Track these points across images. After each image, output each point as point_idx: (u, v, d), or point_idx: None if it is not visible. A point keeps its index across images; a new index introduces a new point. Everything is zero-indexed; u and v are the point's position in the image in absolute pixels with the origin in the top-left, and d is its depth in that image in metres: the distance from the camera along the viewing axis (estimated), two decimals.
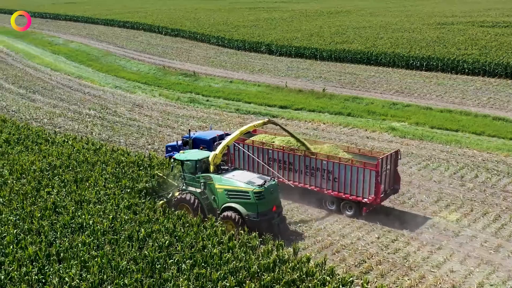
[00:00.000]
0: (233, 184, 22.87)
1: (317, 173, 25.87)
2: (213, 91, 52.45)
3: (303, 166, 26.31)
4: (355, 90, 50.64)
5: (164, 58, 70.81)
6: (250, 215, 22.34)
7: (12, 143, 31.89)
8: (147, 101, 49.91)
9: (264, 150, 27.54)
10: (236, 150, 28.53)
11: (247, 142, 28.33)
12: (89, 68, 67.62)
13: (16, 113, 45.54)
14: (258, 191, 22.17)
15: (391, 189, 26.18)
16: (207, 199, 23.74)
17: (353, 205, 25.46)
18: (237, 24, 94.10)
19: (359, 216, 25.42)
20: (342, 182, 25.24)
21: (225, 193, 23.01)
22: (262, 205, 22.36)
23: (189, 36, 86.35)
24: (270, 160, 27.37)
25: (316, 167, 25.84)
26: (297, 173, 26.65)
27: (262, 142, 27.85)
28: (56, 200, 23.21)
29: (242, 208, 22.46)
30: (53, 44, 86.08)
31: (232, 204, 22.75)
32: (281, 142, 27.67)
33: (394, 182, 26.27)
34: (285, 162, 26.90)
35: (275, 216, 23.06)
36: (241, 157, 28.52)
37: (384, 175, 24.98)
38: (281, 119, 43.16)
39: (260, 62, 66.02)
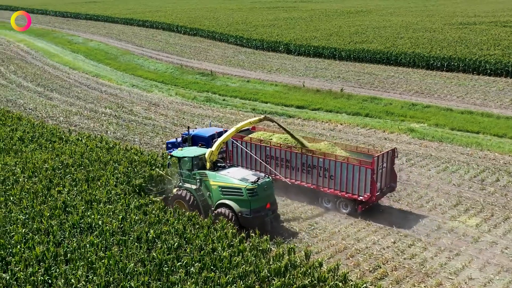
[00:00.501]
0: (227, 180, 22.94)
1: (313, 171, 25.85)
2: (230, 91, 52.03)
3: (299, 163, 26.27)
4: (373, 90, 49.81)
5: (182, 57, 70.60)
6: (243, 211, 22.35)
7: (26, 141, 31.82)
8: (163, 100, 49.66)
9: (262, 148, 27.54)
10: (234, 147, 28.58)
11: (246, 139, 28.31)
12: (107, 66, 67.67)
13: (33, 111, 45.62)
14: (250, 188, 22.20)
15: (387, 187, 26.03)
16: (202, 195, 23.82)
17: (348, 203, 25.33)
18: (256, 23, 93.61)
19: (368, 217, 24.93)
20: (338, 180, 25.15)
21: (219, 190, 23.05)
22: (255, 202, 22.36)
23: (208, 36, 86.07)
24: (267, 157, 27.40)
25: (312, 165, 25.81)
26: (294, 170, 26.62)
27: (260, 139, 27.83)
28: (66, 199, 22.96)
29: (235, 205, 22.50)
30: (72, 43, 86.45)
31: (225, 201, 22.77)
32: (278, 139, 27.61)
33: (390, 181, 26.11)
34: (282, 159, 26.90)
35: (269, 213, 23.03)
36: (239, 154, 28.56)
37: (380, 173, 24.92)
38: (297, 119, 42.58)
39: (278, 61, 65.44)
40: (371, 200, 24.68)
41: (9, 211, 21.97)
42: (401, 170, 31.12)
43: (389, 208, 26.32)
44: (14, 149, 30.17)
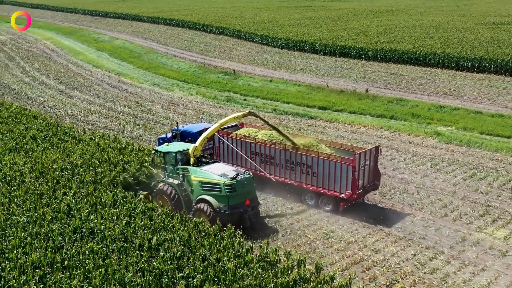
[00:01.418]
0: (207, 176, 22.84)
1: (297, 168, 25.59)
2: (252, 90, 50.88)
3: (283, 160, 26.04)
4: (400, 91, 48.07)
5: (206, 56, 69.74)
6: (221, 207, 22.25)
7: (38, 140, 31.20)
8: (183, 99, 48.78)
9: (247, 144, 27.36)
10: (221, 143, 28.46)
11: (232, 136, 28.15)
12: (130, 65, 67.22)
13: (51, 109, 45.23)
14: (229, 183, 22.11)
15: (371, 185, 25.70)
16: (185, 191, 23.81)
17: (331, 200, 25.05)
18: (282, 22, 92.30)
19: (388, 227, 23.43)
20: (320, 177, 24.89)
21: (199, 185, 22.99)
22: (234, 198, 22.26)
23: (233, 34, 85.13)
24: (252, 153, 27.22)
25: (296, 162, 25.56)
26: (278, 167, 26.41)
27: (245, 136, 27.61)
28: (71, 202, 22.10)
29: (214, 201, 22.41)
30: (98, 41, 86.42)
31: (205, 196, 22.70)
32: (264, 136, 27.31)
33: (374, 179, 25.76)
34: (266, 156, 26.72)
35: (248, 209, 22.84)
36: (226, 151, 28.47)
37: (363, 171, 24.61)
38: (319, 120, 41.19)
39: (303, 61, 64.05)
40: (353, 198, 24.36)
41: (11, 213, 21.22)
42: (425, 176, 29.58)
43: (410, 217, 24.81)
44: (25, 148, 29.56)
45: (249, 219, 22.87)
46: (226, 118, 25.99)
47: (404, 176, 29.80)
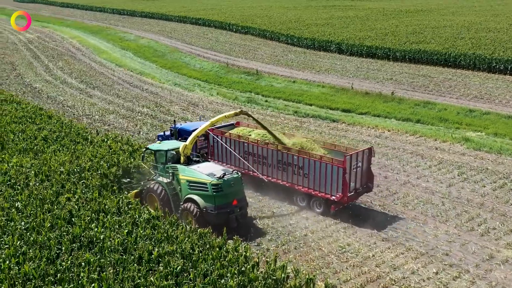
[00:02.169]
0: (194, 175, 22.51)
1: (288, 168, 25.21)
2: (274, 91, 49.54)
3: (275, 160, 25.66)
4: (427, 94, 46.12)
5: (230, 55, 68.62)
6: (208, 207, 21.94)
7: (49, 141, 30.40)
8: (203, 100, 47.72)
9: (240, 143, 27.08)
10: (215, 142, 28.20)
11: (226, 135, 27.91)
12: (153, 64, 66.55)
13: (70, 109, 44.65)
14: (215, 183, 21.78)
15: (363, 188, 25.10)
16: (174, 189, 23.50)
17: (322, 202, 24.59)
18: (309, 22, 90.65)
19: (409, 241, 21.86)
20: (311, 178, 24.44)
21: (187, 184, 22.70)
22: (220, 198, 21.93)
23: (259, 34, 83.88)
24: (245, 153, 26.90)
25: (287, 162, 25.16)
26: (270, 167, 26.05)
27: (239, 135, 27.32)
28: (73, 209, 21.10)
29: (200, 200, 22.12)
30: (124, 40, 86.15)
31: (192, 196, 22.40)
32: (257, 135, 26.90)
33: (367, 181, 25.17)
34: (259, 156, 26.37)
35: (235, 210, 22.46)
36: (220, 150, 28.24)
37: (354, 173, 24.06)
38: (341, 123, 39.61)
39: (328, 61, 62.40)
40: (343, 200, 23.83)
41: (10, 219, 20.32)
42: (451, 185, 27.84)
43: (433, 230, 23.16)
44: (35, 149, 28.77)
45: (236, 219, 22.52)
46: (217, 117, 25.61)
47: (428, 185, 28.10)
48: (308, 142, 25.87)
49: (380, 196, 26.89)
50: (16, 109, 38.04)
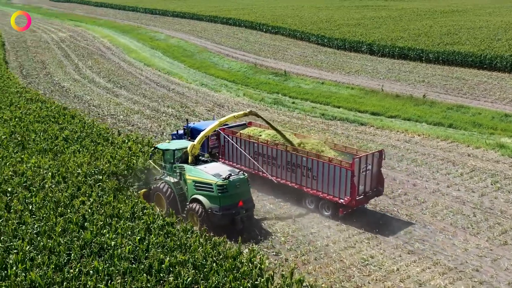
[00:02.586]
0: (200, 175, 22.29)
1: (297, 170, 24.81)
2: (302, 93, 48.48)
3: (284, 162, 25.27)
4: (461, 97, 44.42)
5: (259, 56, 67.76)
6: (213, 208, 21.70)
7: (70, 142, 30.03)
8: (229, 101, 46.97)
9: (250, 144, 26.78)
10: (226, 142, 27.97)
11: (237, 135, 27.71)
12: (181, 64, 66.16)
13: (95, 108, 44.44)
14: (221, 184, 21.52)
15: (373, 191, 24.45)
16: (181, 189, 23.32)
17: (330, 205, 24.08)
18: (340, 22, 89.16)
19: (437, 254, 20.63)
20: (320, 181, 23.99)
21: (193, 185, 22.46)
22: (226, 199, 21.66)
23: (289, 34, 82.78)
24: (255, 154, 26.58)
25: (296, 164, 24.76)
26: (279, 168, 25.68)
27: (249, 136, 27.03)
28: (86, 213, 20.54)
29: (206, 201, 21.89)
30: (154, 39, 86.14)
31: (198, 196, 22.18)
32: (267, 136, 26.54)
33: (377, 184, 24.49)
34: (269, 157, 26.02)
35: (241, 211, 22.12)
36: (230, 150, 28.03)
37: (364, 176, 23.46)
38: (369, 127, 38.35)
39: (359, 62, 60.98)
40: (352, 204, 23.19)
41: (22, 222, 19.85)
42: (484, 195, 26.42)
43: (463, 243, 21.85)
44: (55, 150, 28.40)
45: (241, 221, 22.18)
46: (226, 117, 25.43)
47: (459, 194, 26.72)
48: (319, 143, 25.47)
49: (407, 205, 25.66)
50: (40, 108, 37.93)
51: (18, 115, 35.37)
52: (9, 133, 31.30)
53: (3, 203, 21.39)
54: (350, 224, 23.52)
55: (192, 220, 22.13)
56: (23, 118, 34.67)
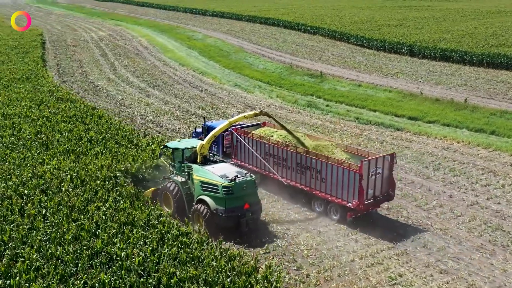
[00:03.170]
0: (207, 176, 21.92)
1: (307, 172, 24.33)
2: (337, 95, 46.93)
3: (294, 163, 24.81)
4: (506, 102, 42.06)
5: (295, 56, 66.37)
6: (218, 209, 21.28)
7: (94, 143, 29.45)
8: (261, 103, 45.85)
9: (262, 144, 26.44)
10: (238, 142, 27.57)
11: (249, 135, 27.36)
12: (217, 64, 65.37)
13: (126, 108, 44.00)
14: (226, 185, 21.13)
15: (384, 196, 23.69)
16: (188, 189, 22.91)
17: (338, 209, 23.49)
18: (381, 23, 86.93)
19: (472, 275, 19.09)
20: (329, 183, 23.46)
21: (200, 185, 22.07)
22: (231, 201, 21.22)
23: (328, 34, 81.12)
24: (266, 154, 26.19)
25: (306, 165, 24.29)
26: (289, 170, 25.23)
27: (260, 136, 26.71)
28: (100, 219, 19.74)
29: (211, 202, 21.48)
30: (191, 39, 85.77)
31: (204, 197, 21.81)
32: (279, 136, 26.12)
33: (388, 189, 23.72)
34: (279, 158, 25.59)
35: (247, 214, 21.62)
36: (243, 150, 27.64)
37: (373, 179, 22.75)
38: (406, 133, 36.62)
39: (399, 64, 58.94)
40: (360, 208, 22.50)
41: (34, 227, 19.20)
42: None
43: (503, 263, 20.10)
44: (77, 151, 27.85)
45: (247, 224, 21.68)
46: (236, 117, 25.10)
47: (500, 207, 24.88)
48: (331, 145, 24.89)
49: (442, 218, 23.99)
50: (69, 107, 37.61)
51: (46, 115, 35.10)
52: (35, 133, 31.00)
53: (17, 207, 20.86)
54: (378, 237, 22.07)
55: (198, 221, 21.80)
56: (51, 118, 34.37)
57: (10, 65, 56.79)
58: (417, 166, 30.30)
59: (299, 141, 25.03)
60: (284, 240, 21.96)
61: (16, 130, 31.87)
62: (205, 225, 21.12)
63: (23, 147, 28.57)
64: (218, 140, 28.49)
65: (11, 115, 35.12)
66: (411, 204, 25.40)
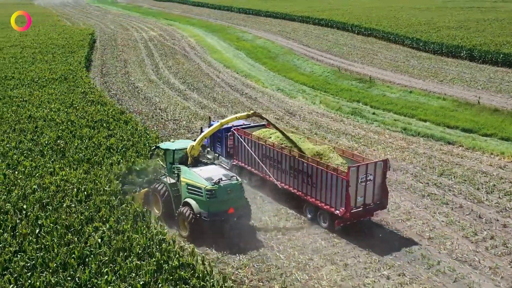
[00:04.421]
0: (193, 178, 21.33)
1: (299, 176, 23.60)
2: (385, 102, 43.55)
3: (288, 166, 24.11)
4: None
5: (346, 59, 63.12)
6: (202, 213, 20.68)
7: (112, 151, 27.58)
8: (302, 109, 43.05)
9: (260, 146, 25.82)
10: (239, 143, 26.99)
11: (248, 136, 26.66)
12: (262, 66, 62.98)
13: (160, 112, 42.22)
14: (209, 188, 20.58)
15: (376, 205, 22.51)
16: (177, 191, 22.30)
17: (327, 216, 22.57)
18: (440, 25, 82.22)
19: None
20: (318, 189, 22.63)
21: (186, 187, 21.49)
22: (215, 205, 20.63)
23: (382, 36, 77.28)
24: (263, 156, 25.55)
25: (298, 169, 23.57)
26: (283, 173, 24.57)
27: (258, 137, 26.01)
28: (94, 244, 17.62)
29: (195, 205, 20.88)
30: (240, 40, 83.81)
31: (189, 200, 21.22)
32: (276, 138, 25.30)
33: (381, 197, 22.45)
34: (275, 160, 24.90)
35: (231, 218, 21.09)
36: (241, 151, 27.17)
37: (363, 186, 21.66)
38: (458, 147, 33.00)
39: (456, 69, 54.78)
40: (346, 216, 21.49)
41: (22, 250, 17.29)
42: None
43: None
44: (93, 160, 26.02)
45: (231, 229, 21.10)
46: (228, 118, 25.03)
47: None
48: (328, 149, 23.71)
49: (492, 253, 20.63)
50: (98, 111, 36.05)
51: (72, 118, 33.65)
52: (55, 138, 29.47)
53: (12, 224, 19.08)
54: (414, 275, 18.99)
55: (182, 225, 21.27)
56: (75, 122, 32.86)
57: (52, 64, 56.30)
58: (468, 187, 26.82)
59: (293, 143, 24.31)
60: (305, 273, 19.23)
61: (37, 134, 30.49)
62: (189, 229, 20.67)
63: (38, 154, 27.04)
64: (222, 141, 28.39)
65: (37, 118, 33.88)
66: (457, 234, 22.12)
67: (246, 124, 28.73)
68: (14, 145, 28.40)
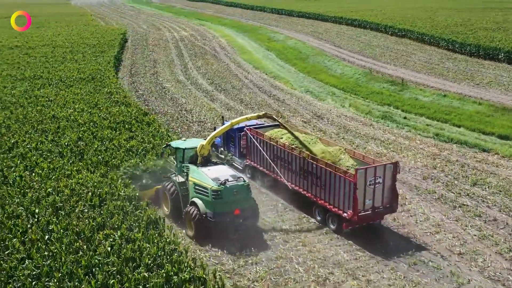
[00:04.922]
0: (200, 178, 21.24)
1: (308, 177, 23.34)
2: (417, 106, 41.98)
3: (298, 167, 23.86)
4: None
5: (378, 61, 61.53)
6: (208, 213, 20.56)
7: (132, 154, 26.92)
8: (331, 112, 41.83)
9: (271, 146, 25.56)
10: (251, 143, 26.86)
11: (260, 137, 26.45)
12: (292, 67, 61.89)
13: (186, 113, 41.56)
14: (215, 189, 20.49)
15: (386, 208, 21.95)
16: (186, 190, 22.14)
17: (336, 218, 22.24)
18: (478, 26, 79.77)
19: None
20: (327, 191, 22.36)
21: (193, 187, 21.39)
22: (220, 205, 20.50)
23: (417, 38, 75.31)
24: (275, 157, 25.32)
25: (308, 170, 23.31)
26: (293, 174, 24.32)
27: (270, 138, 25.75)
28: (103, 252, 16.90)
29: (202, 205, 20.78)
30: (271, 40, 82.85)
31: (195, 199, 21.13)
32: (287, 139, 24.98)
33: (391, 200, 21.92)
34: (285, 161, 24.65)
35: (237, 220, 20.73)
36: (254, 151, 27.04)
37: (372, 189, 21.18)
38: (493, 155, 31.35)
39: (493, 72, 52.73)
40: (354, 219, 21.12)
41: (29, 257, 16.69)
42: None
43: None
44: (112, 163, 25.41)
45: (236, 230, 20.71)
46: (238, 118, 25.03)
47: None
48: (338, 150, 23.55)
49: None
50: (121, 112, 35.55)
51: (94, 119, 33.21)
52: (76, 139, 29.02)
53: (22, 229, 18.53)
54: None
55: (189, 224, 21.16)
56: (97, 123, 32.39)
57: (82, 64, 56.32)
58: (503, 198, 25.28)
59: (303, 144, 24.09)
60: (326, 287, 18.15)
61: (59, 135, 30.10)
62: (195, 229, 20.60)
63: (57, 155, 26.58)
64: (235, 141, 28.40)
65: (60, 118, 33.56)
66: (490, 250, 20.71)
67: (259, 124, 28.55)
68: (35, 145, 28.03)
